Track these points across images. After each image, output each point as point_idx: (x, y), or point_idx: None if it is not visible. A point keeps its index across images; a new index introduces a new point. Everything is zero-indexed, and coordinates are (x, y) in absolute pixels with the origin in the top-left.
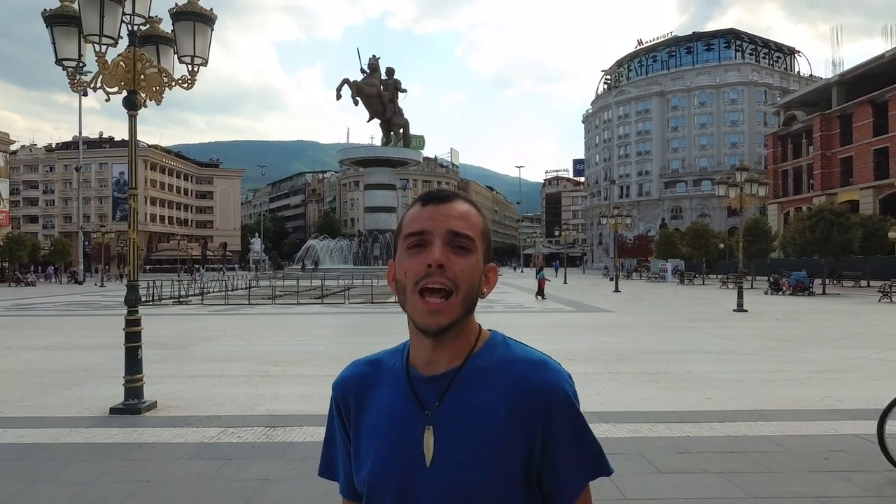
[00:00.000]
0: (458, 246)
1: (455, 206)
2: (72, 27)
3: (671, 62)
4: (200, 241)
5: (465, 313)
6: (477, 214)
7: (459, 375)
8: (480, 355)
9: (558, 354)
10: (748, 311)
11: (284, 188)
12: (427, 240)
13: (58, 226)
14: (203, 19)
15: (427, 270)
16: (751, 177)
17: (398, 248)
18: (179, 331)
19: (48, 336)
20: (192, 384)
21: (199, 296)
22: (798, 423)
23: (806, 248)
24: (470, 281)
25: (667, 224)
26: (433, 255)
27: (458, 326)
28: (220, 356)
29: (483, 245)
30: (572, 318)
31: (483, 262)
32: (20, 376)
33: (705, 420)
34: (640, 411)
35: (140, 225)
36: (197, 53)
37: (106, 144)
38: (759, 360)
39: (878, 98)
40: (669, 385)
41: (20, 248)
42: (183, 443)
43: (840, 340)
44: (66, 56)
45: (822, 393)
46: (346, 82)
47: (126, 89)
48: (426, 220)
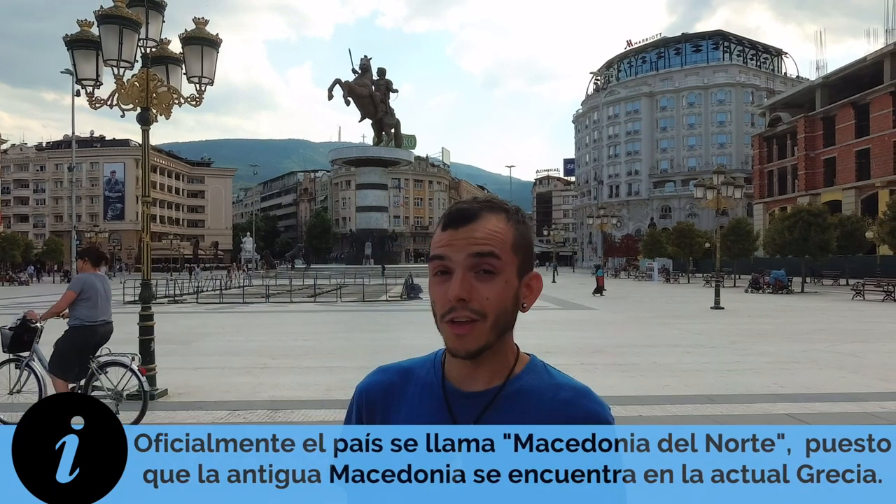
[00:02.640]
0: (483, 270)
1: (478, 227)
2: (90, 50)
3: (660, 63)
4: (192, 240)
5: (497, 336)
6: (506, 226)
7: (501, 395)
8: (522, 378)
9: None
10: (724, 309)
11: (276, 187)
12: (449, 267)
13: (48, 225)
14: (210, 43)
15: (450, 305)
16: (727, 179)
17: (429, 270)
18: (180, 327)
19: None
20: (198, 374)
21: (193, 294)
22: (740, 404)
23: (785, 248)
24: (500, 306)
25: (656, 223)
26: (454, 291)
27: (492, 349)
28: (222, 350)
29: (517, 258)
30: (556, 315)
31: (519, 277)
32: None
33: (659, 403)
34: (602, 395)
35: (132, 224)
36: (204, 74)
37: (97, 143)
38: (721, 353)
39: (859, 100)
40: (634, 374)
41: (13, 247)
42: (196, 423)
43: (801, 335)
44: (86, 76)
45: (770, 380)
46: (337, 82)
47: (140, 106)
48: (446, 247)
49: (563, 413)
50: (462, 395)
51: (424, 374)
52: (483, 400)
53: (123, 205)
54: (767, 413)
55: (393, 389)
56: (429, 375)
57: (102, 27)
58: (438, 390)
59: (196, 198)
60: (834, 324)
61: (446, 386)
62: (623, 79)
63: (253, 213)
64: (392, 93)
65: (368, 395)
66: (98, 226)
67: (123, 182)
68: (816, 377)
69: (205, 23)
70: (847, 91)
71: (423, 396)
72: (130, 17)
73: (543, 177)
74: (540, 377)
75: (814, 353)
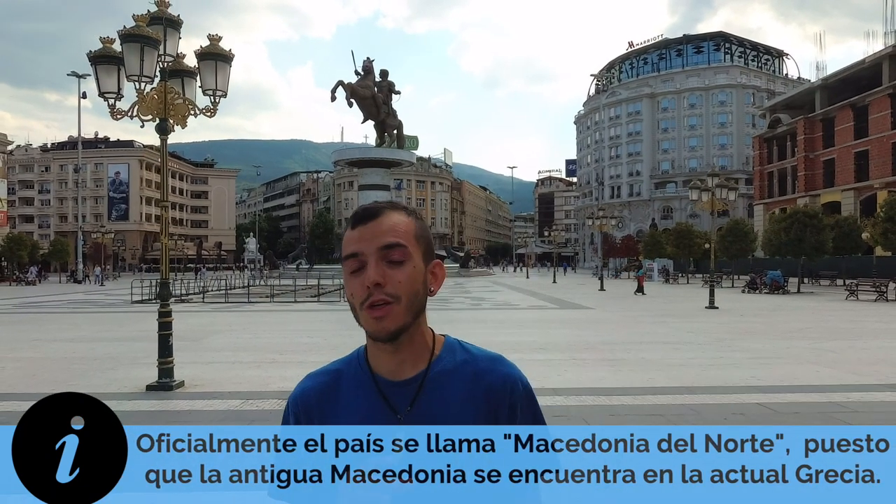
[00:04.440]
0: (392, 260)
1: (383, 221)
2: (112, 66)
3: (661, 64)
4: (196, 240)
5: (413, 317)
6: (408, 220)
7: (427, 378)
8: (443, 358)
9: (531, 345)
10: (719, 308)
11: (279, 188)
12: (363, 261)
13: (53, 225)
14: (223, 59)
15: (368, 292)
16: (721, 182)
17: (343, 271)
18: (189, 325)
19: (68, 330)
20: (210, 368)
21: (199, 294)
22: (717, 395)
23: (781, 249)
24: (411, 288)
25: (657, 224)
26: (369, 277)
27: (409, 330)
28: (231, 346)
29: (420, 247)
30: (553, 314)
31: (424, 264)
32: (57, 363)
33: (642, 394)
34: (589, 387)
35: (136, 224)
36: (218, 87)
37: (101, 144)
38: (707, 350)
39: (858, 102)
40: (622, 368)
41: (20, 247)
42: (213, 410)
43: (788, 333)
44: (108, 90)
45: (748, 374)
46: (340, 84)
47: (158, 117)
48: (357, 242)
49: (483, 382)
50: (393, 385)
51: (353, 372)
52: (413, 386)
53: (127, 205)
54: (740, 402)
55: (327, 391)
56: (357, 373)
57: (125, 45)
58: (371, 384)
59: (199, 198)
60: (822, 323)
61: (377, 379)
62: (624, 80)
63: (256, 213)
64: (394, 94)
65: (305, 402)
66: (104, 226)
67: (127, 183)
68: (793, 371)
69: (218, 39)
70: (846, 93)
71: (357, 393)
72: (151, 36)
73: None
74: (457, 354)
75: (796, 349)
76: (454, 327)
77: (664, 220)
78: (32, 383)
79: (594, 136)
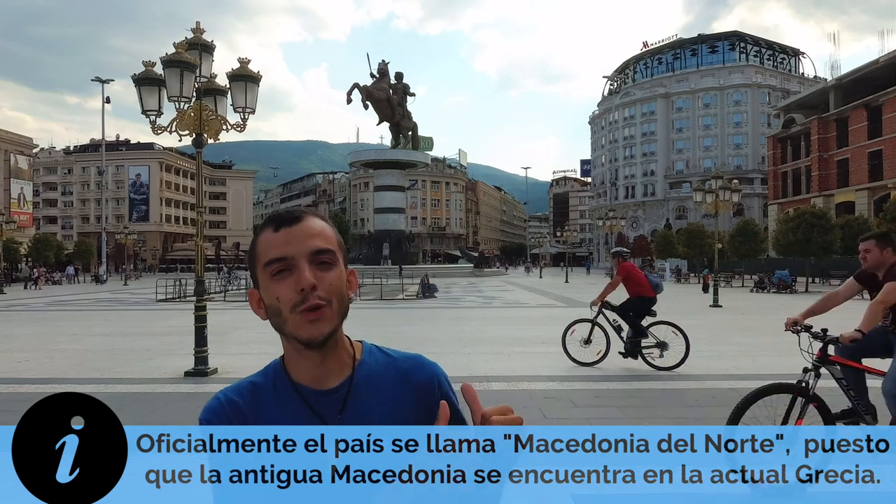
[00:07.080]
0: (322, 262)
1: (310, 225)
2: (153, 86)
3: (676, 64)
4: (214, 241)
5: (341, 321)
6: (330, 227)
7: (354, 384)
8: (366, 362)
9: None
10: (722, 307)
11: (296, 189)
12: (291, 264)
13: (76, 226)
14: (252, 80)
15: (301, 295)
16: (724, 184)
17: (258, 276)
18: (214, 321)
19: (102, 326)
20: (240, 358)
21: (221, 293)
22: (697, 381)
23: (789, 248)
24: (340, 291)
25: (671, 224)
26: (304, 280)
27: (336, 335)
28: (256, 340)
29: (341, 253)
30: (561, 311)
31: (345, 268)
32: (99, 354)
33: (628, 380)
34: (580, 374)
35: (155, 226)
36: (248, 105)
37: (122, 147)
38: (699, 343)
39: (872, 102)
40: (614, 359)
41: (47, 248)
42: None
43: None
44: (150, 108)
45: (731, 364)
46: (356, 87)
47: (194, 132)
48: (284, 246)
49: (411, 381)
50: (319, 394)
51: (271, 385)
52: (341, 393)
53: (148, 207)
54: (716, 388)
55: (246, 407)
56: (278, 385)
57: (167, 70)
58: (293, 395)
59: (218, 199)
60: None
61: (301, 389)
62: (639, 80)
63: None
64: (409, 96)
65: (223, 419)
66: (127, 227)
67: (148, 185)
68: (774, 362)
69: (247, 62)
70: (860, 93)
71: (280, 406)
72: (189, 62)
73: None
74: (379, 358)
75: (784, 343)
76: (463, 324)
77: (679, 220)
78: (83, 370)
79: (609, 137)
